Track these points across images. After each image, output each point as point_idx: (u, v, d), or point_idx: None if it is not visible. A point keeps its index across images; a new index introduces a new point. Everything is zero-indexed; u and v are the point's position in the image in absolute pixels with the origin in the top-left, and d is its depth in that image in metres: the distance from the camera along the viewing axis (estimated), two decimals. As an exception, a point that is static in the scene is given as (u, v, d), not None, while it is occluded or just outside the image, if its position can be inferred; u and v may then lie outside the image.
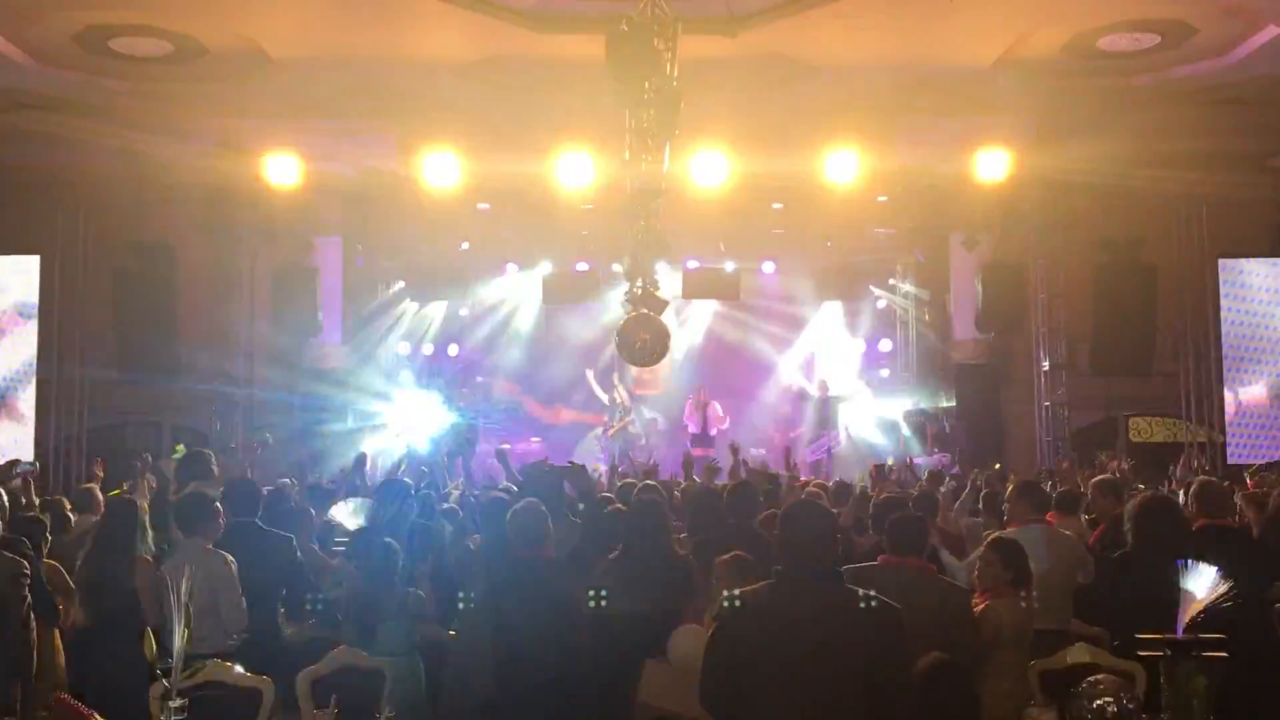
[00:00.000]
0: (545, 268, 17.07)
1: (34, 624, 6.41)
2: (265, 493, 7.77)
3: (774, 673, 3.87)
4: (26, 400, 14.42)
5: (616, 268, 15.73)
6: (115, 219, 14.40)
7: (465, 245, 16.54)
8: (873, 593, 4.02)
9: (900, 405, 17.63)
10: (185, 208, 14.10)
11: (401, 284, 17.89)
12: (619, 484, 9.26)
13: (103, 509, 8.20)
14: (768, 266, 17.81)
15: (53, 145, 14.39)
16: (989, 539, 5.87)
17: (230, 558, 6.36)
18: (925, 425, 16.63)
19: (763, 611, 3.98)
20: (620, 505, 7.26)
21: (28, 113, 13.68)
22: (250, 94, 13.51)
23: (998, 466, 11.88)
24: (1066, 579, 6.53)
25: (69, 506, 8.56)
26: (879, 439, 17.63)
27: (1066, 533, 7.05)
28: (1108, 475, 9.17)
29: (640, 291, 13.32)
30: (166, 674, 4.24)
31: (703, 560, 5.86)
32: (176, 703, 4.10)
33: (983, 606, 5.36)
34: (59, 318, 14.44)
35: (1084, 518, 8.06)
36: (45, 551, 6.98)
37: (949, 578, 5.95)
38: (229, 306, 14.64)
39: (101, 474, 10.04)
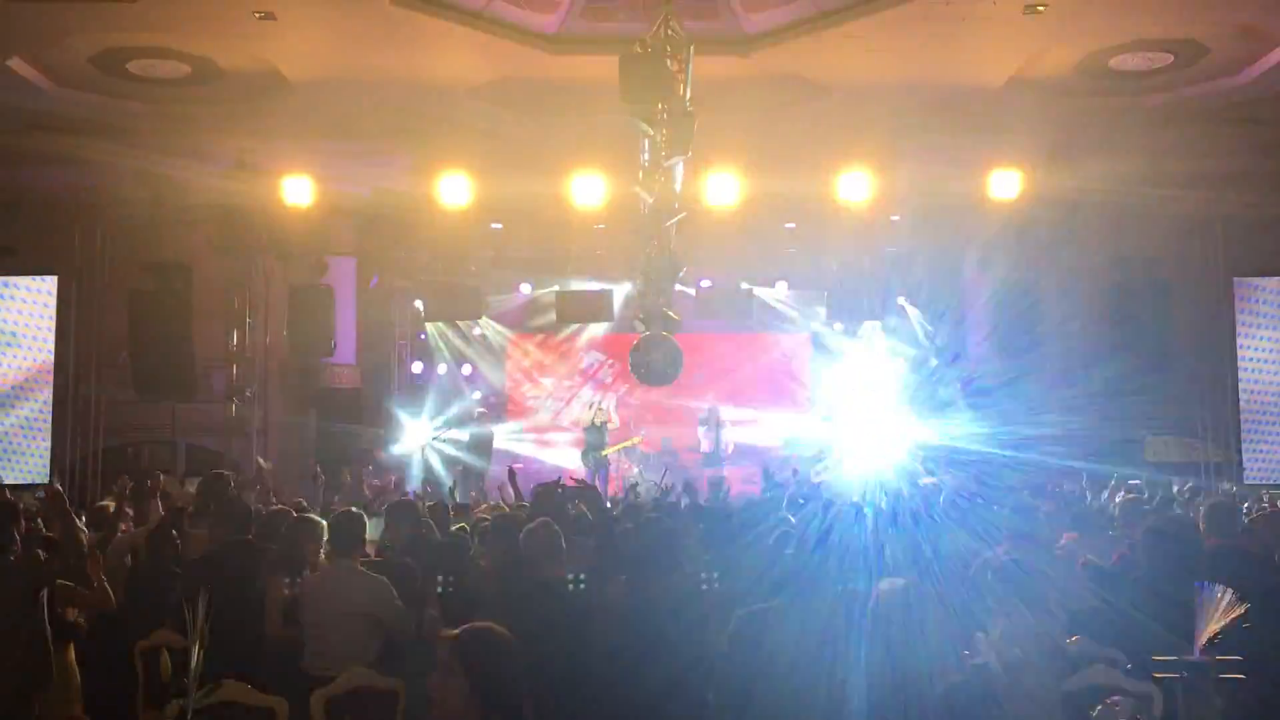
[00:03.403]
0: (558, 287, 17.10)
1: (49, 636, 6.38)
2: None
3: (777, 681, 3.90)
4: (42, 419, 14.49)
5: (629, 287, 15.76)
6: (132, 239, 14.49)
7: (479, 265, 16.60)
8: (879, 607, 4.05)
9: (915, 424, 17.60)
10: (201, 228, 14.19)
11: (416, 303, 17.95)
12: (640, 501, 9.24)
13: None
14: (780, 286, 17.81)
15: (70, 166, 14.50)
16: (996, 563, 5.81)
17: (382, 579, 6.21)
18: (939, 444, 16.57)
19: (774, 621, 4.01)
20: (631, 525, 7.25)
21: (45, 134, 13.79)
22: (266, 115, 13.61)
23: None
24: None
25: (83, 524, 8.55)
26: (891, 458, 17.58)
27: (1060, 555, 7.02)
28: (1132, 495, 9.12)
29: (653, 311, 13.35)
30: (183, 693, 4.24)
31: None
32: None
33: (999, 628, 5.32)
34: (75, 337, 14.51)
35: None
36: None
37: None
38: (244, 326, 14.71)
39: (128, 491, 10.04)
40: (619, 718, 5.45)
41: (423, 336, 18.49)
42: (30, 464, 14.35)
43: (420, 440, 17.89)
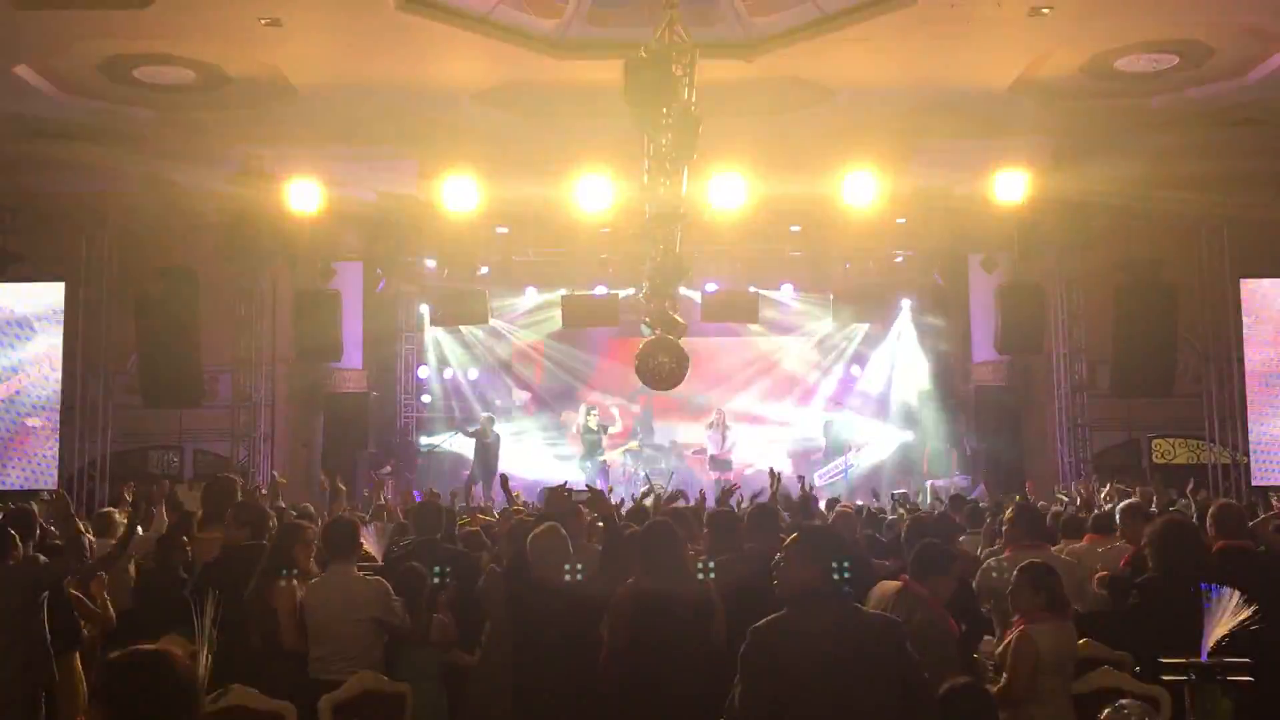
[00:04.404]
0: (564, 291, 17.12)
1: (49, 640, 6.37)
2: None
3: (799, 697, 3.88)
4: (49, 425, 14.52)
5: (634, 291, 15.76)
6: (139, 245, 14.53)
7: (485, 269, 16.61)
8: (879, 612, 4.07)
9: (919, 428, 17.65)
10: (208, 234, 14.22)
11: (422, 308, 17.98)
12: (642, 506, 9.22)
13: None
14: (786, 289, 17.82)
15: (77, 173, 14.54)
16: (1020, 564, 5.79)
17: (380, 580, 6.24)
18: (947, 448, 16.59)
19: (785, 636, 3.99)
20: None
21: (52, 141, 13.83)
22: (272, 121, 13.64)
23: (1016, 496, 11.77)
24: None
25: (89, 531, 8.57)
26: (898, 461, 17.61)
27: (1066, 559, 7.02)
28: (1136, 499, 9.10)
29: (659, 315, 13.34)
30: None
31: (721, 583, 5.84)
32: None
33: (1017, 633, 5.31)
34: (83, 343, 14.55)
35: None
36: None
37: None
38: (251, 331, 14.73)
39: (130, 498, 10.04)
40: (625, 718, 5.46)
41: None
42: (38, 469, 14.39)
43: (427, 444, 17.94)
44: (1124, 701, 4.23)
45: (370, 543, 7.96)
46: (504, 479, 9.77)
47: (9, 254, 14.45)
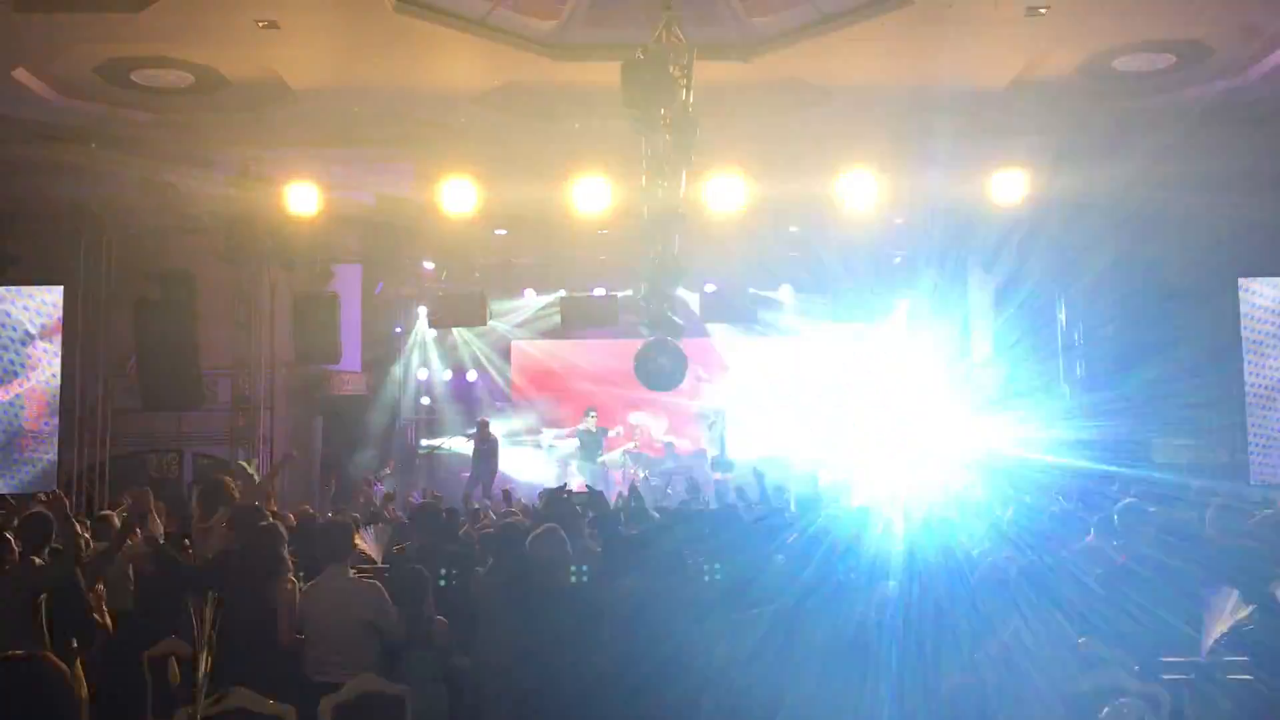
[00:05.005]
0: (563, 293, 17.12)
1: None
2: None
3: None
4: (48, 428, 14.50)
5: (630, 292, 15.76)
6: (137, 248, 14.53)
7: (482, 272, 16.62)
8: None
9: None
10: (206, 237, 14.21)
11: (421, 310, 17.98)
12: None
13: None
14: (784, 290, 17.82)
15: (75, 176, 14.54)
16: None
17: (374, 583, 6.29)
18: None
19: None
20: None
21: (50, 144, 13.83)
22: (270, 124, 13.64)
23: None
24: None
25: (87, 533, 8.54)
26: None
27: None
28: (1129, 499, 9.10)
29: (657, 316, 13.35)
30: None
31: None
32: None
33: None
34: (81, 347, 14.55)
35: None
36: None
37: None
38: (249, 334, 14.73)
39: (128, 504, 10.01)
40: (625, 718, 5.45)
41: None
42: (37, 473, 14.36)
43: (427, 446, 17.94)
44: (1124, 700, 4.23)
45: (369, 545, 7.96)
46: (506, 494, 9.78)
47: (7, 257, 14.45)
